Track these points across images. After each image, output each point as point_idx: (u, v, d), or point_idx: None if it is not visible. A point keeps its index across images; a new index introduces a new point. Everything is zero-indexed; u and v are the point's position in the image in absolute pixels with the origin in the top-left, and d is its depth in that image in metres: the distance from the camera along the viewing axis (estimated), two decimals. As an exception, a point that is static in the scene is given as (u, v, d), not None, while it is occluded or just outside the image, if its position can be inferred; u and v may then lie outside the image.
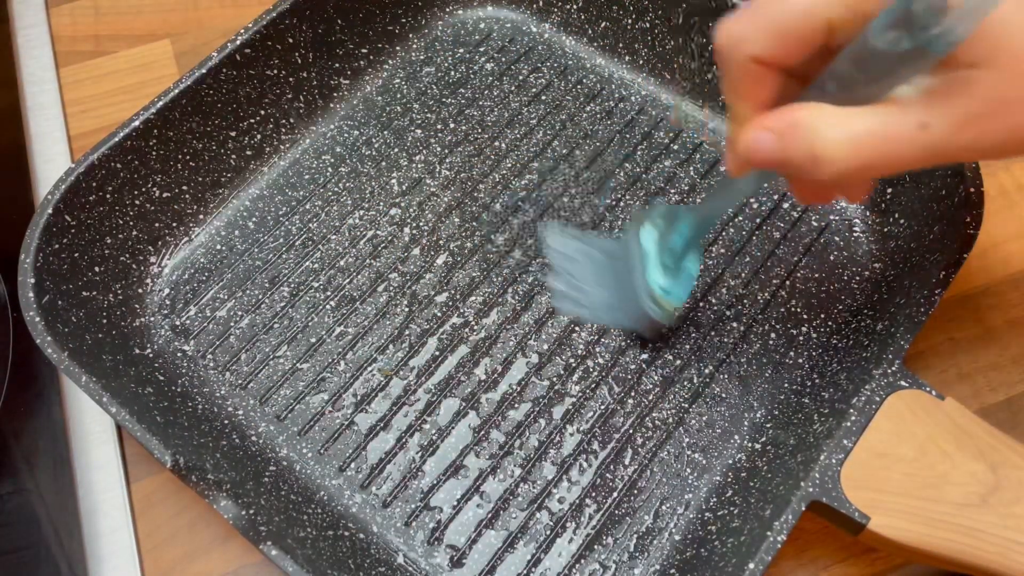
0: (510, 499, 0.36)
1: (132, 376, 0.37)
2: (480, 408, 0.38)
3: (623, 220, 0.43)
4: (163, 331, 0.40)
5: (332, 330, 0.40)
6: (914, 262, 0.38)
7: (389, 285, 0.42)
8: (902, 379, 0.32)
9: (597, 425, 0.38)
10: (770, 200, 0.43)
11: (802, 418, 0.35)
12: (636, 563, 0.35)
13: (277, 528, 0.32)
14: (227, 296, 0.41)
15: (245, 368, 0.39)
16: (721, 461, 0.37)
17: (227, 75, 0.42)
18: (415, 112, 0.47)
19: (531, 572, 0.35)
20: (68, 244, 0.38)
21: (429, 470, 0.37)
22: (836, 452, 0.31)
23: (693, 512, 0.35)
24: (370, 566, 0.34)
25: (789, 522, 0.30)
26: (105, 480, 0.38)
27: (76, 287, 0.38)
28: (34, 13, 0.53)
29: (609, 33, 0.48)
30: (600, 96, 0.47)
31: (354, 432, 0.38)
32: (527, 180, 0.45)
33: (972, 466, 0.30)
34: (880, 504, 0.30)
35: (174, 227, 0.43)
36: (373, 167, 0.45)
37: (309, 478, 0.37)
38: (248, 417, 0.38)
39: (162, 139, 0.41)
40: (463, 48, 0.49)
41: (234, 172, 0.44)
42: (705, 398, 0.38)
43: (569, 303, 0.39)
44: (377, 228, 0.43)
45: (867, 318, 0.38)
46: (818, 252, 0.42)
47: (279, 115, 0.45)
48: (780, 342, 0.39)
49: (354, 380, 0.39)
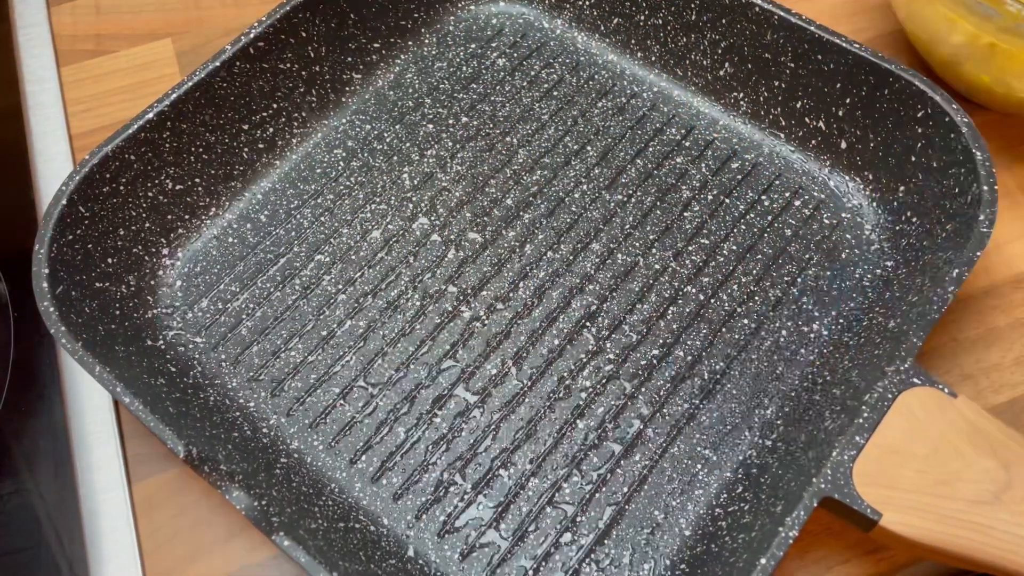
0: (520, 493, 0.36)
1: (144, 367, 0.37)
2: (491, 402, 0.38)
3: (633, 216, 0.43)
4: (175, 323, 0.40)
5: (343, 323, 0.40)
6: (926, 260, 0.38)
7: (400, 279, 0.42)
8: (915, 376, 0.32)
9: (607, 420, 0.38)
10: (781, 197, 0.43)
11: (813, 415, 0.35)
12: (646, 558, 0.35)
13: (289, 519, 0.32)
14: (239, 289, 0.42)
15: (256, 360, 0.40)
16: (732, 457, 0.37)
17: (240, 68, 0.43)
18: (427, 107, 0.47)
19: (541, 566, 0.35)
20: (82, 235, 0.38)
21: (439, 463, 0.37)
22: (848, 448, 0.31)
23: (703, 508, 0.35)
24: (380, 558, 0.34)
25: (801, 518, 0.30)
26: (106, 480, 0.38)
27: (89, 278, 0.38)
28: (35, 12, 0.53)
29: (621, 29, 0.48)
30: (612, 92, 0.47)
31: (364, 425, 0.38)
32: (538, 175, 0.45)
33: (985, 463, 0.30)
34: (892, 501, 0.30)
35: (187, 219, 0.43)
36: (384, 161, 0.45)
37: (320, 470, 0.37)
38: (259, 409, 0.38)
39: (175, 132, 0.41)
40: (475, 43, 0.49)
41: (246, 165, 0.44)
42: (716, 394, 0.38)
43: None
44: (388, 222, 0.43)
45: (879, 316, 0.38)
46: (829, 249, 0.42)
47: (291, 109, 0.45)
48: (791, 339, 0.39)
49: (364, 373, 0.39)
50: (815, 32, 0.42)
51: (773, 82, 0.45)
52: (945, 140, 0.39)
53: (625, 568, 0.34)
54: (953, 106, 0.39)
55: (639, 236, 0.43)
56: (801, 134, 0.45)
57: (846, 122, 0.43)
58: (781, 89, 0.44)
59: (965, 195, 0.37)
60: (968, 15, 0.40)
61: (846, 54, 0.41)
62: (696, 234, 0.43)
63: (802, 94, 0.44)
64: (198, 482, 0.38)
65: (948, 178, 0.39)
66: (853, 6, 0.52)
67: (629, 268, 0.42)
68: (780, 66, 0.44)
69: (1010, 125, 0.47)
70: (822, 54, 0.42)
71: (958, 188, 0.38)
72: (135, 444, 0.39)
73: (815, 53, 0.42)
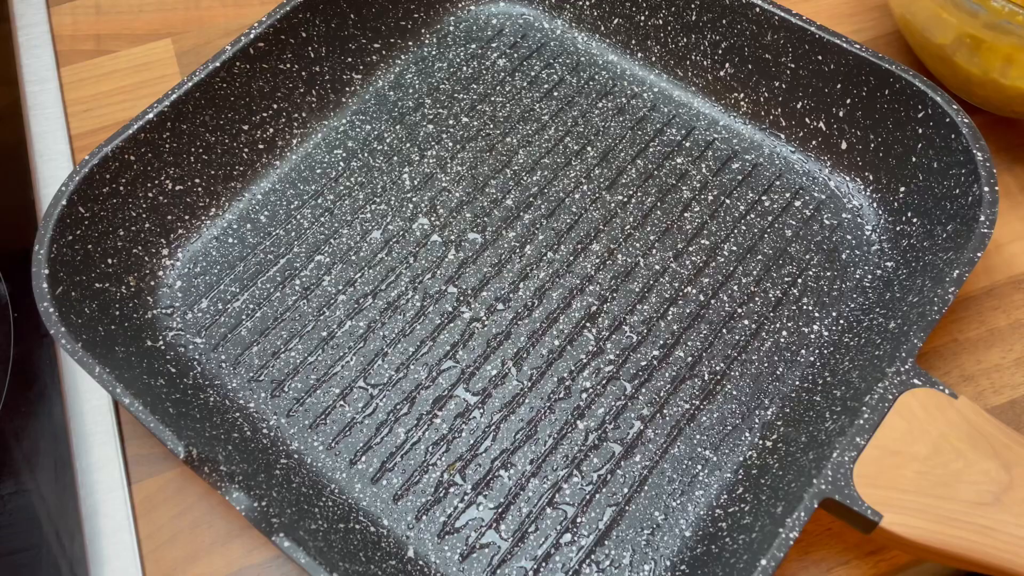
0: (520, 494, 0.36)
1: (144, 368, 0.37)
2: (491, 403, 0.38)
3: (633, 217, 0.43)
4: (175, 323, 0.40)
5: (343, 324, 0.40)
6: (926, 261, 0.38)
7: (400, 279, 0.42)
8: (915, 377, 0.32)
9: (608, 421, 0.38)
10: (781, 198, 0.43)
11: (814, 416, 0.35)
12: (646, 559, 0.35)
13: (289, 520, 0.32)
14: (239, 289, 0.41)
15: (256, 361, 0.39)
16: (732, 458, 0.37)
17: (240, 68, 0.43)
18: (427, 107, 0.47)
19: (541, 567, 0.35)
20: (81, 236, 0.38)
21: (439, 464, 0.37)
22: (848, 449, 0.31)
23: (704, 509, 0.35)
24: (381, 559, 0.34)
25: (801, 519, 0.30)
26: (106, 481, 0.38)
27: (89, 279, 0.38)
28: (35, 12, 0.53)
29: (622, 29, 0.48)
30: (612, 93, 0.47)
31: (364, 426, 0.38)
32: (538, 176, 0.45)
33: (986, 464, 0.30)
34: (893, 502, 0.30)
35: (187, 220, 0.43)
36: (385, 162, 0.45)
37: (320, 471, 0.37)
38: (259, 410, 0.38)
39: (175, 132, 0.41)
40: (475, 44, 0.49)
41: (246, 166, 0.44)
42: (716, 395, 0.38)
43: None
44: (388, 223, 0.43)
45: (879, 316, 0.38)
46: (830, 250, 0.42)
47: (291, 109, 0.45)
48: (791, 340, 0.39)
49: (364, 374, 0.39)
50: (815, 32, 0.42)
51: (773, 83, 0.44)
52: (946, 141, 0.39)
53: (625, 569, 0.34)
54: (953, 107, 0.39)
55: (639, 237, 0.43)
56: (801, 135, 0.45)
57: (847, 123, 0.43)
58: (781, 90, 0.44)
59: (966, 196, 0.37)
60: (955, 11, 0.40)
61: (846, 54, 0.41)
62: (696, 235, 0.43)
63: (802, 95, 0.44)
64: (198, 483, 0.38)
65: (949, 179, 0.39)
66: (853, 6, 0.52)
67: (629, 269, 0.42)
68: (780, 67, 0.44)
69: (1010, 125, 0.47)
70: (822, 54, 0.42)
71: (959, 189, 0.38)
72: (135, 445, 0.39)
73: (815, 53, 0.42)
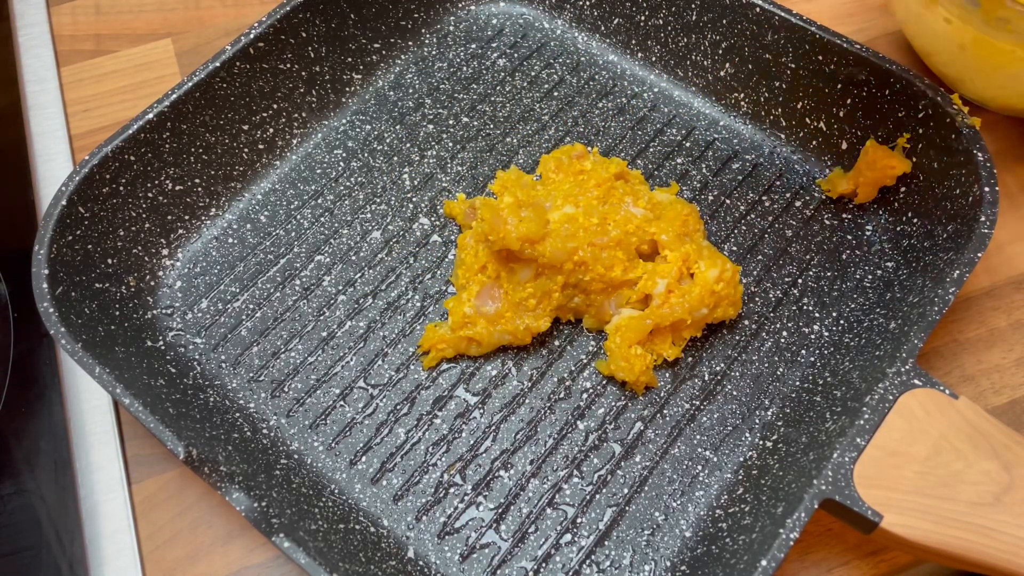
0: (520, 494, 0.36)
1: (144, 368, 0.37)
2: (491, 403, 0.38)
3: (635, 217, 0.43)
4: (175, 323, 0.40)
5: (343, 324, 0.40)
6: (927, 261, 0.38)
7: (400, 280, 0.42)
8: (916, 378, 0.32)
9: (608, 421, 0.38)
10: (782, 198, 0.43)
11: (814, 416, 0.35)
12: (647, 560, 0.35)
13: (289, 521, 0.32)
14: (239, 289, 0.41)
15: (256, 361, 0.39)
16: (732, 459, 0.37)
17: (240, 68, 0.42)
18: (427, 107, 0.47)
19: (541, 567, 0.35)
20: (81, 236, 0.38)
21: (439, 464, 0.37)
22: (849, 450, 0.31)
23: (704, 509, 0.35)
24: (381, 559, 0.34)
25: (802, 519, 0.30)
26: (106, 481, 0.38)
27: (89, 279, 0.38)
28: (35, 12, 0.53)
29: (622, 29, 0.48)
30: (612, 93, 0.47)
31: (365, 426, 0.38)
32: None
33: (986, 465, 0.30)
34: (893, 502, 0.30)
35: (186, 220, 0.43)
36: (385, 162, 0.45)
37: (320, 472, 0.37)
38: (259, 410, 0.38)
39: (175, 132, 0.41)
40: (475, 44, 0.49)
41: (246, 166, 0.44)
42: (716, 395, 0.38)
43: None
44: (388, 223, 0.43)
45: (880, 317, 0.38)
46: (830, 250, 0.42)
47: (291, 109, 0.45)
48: (792, 340, 0.39)
49: (365, 374, 0.39)
50: (816, 33, 0.42)
51: (774, 83, 0.44)
52: (946, 141, 0.39)
53: (625, 569, 0.34)
54: (954, 107, 0.39)
55: (639, 237, 0.43)
56: (802, 135, 0.45)
57: (847, 123, 0.43)
58: (782, 90, 0.44)
59: (966, 196, 0.37)
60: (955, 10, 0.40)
61: (847, 54, 0.41)
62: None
63: (803, 95, 0.44)
64: (198, 483, 0.38)
65: (949, 179, 0.39)
66: (853, 6, 0.52)
67: (629, 269, 0.42)
68: (781, 67, 0.44)
69: (1010, 126, 0.47)
70: (823, 55, 0.42)
71: (959, 189, 0.38)
72: (135, 445, 0.39)
73: (816, 54, 0.42)
